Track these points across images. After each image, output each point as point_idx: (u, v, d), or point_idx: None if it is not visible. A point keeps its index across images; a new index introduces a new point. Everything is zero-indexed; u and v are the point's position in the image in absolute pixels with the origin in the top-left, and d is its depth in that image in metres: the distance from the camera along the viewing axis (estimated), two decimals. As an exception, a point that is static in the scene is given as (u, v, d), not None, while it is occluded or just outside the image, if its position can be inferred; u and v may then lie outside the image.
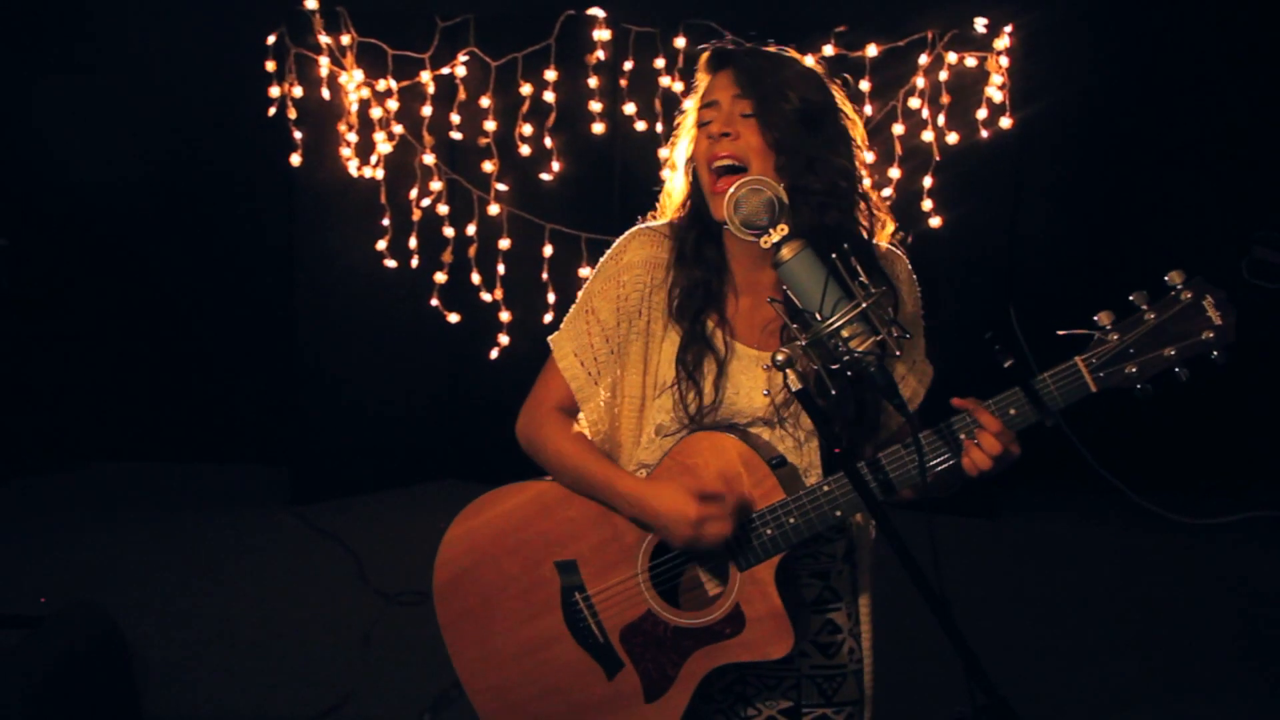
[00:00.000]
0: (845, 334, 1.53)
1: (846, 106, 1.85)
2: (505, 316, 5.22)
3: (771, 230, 1.63)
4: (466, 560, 1.91)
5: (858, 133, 1.85)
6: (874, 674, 1.92)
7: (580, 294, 1.91)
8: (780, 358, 1.55)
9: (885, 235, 1.86)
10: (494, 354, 5.21)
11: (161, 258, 5.78)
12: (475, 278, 5.23)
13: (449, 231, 5.25)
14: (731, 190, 1.66)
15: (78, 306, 5.84)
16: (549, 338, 1.92)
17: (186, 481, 5.67)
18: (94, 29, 5.56)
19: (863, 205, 1.82)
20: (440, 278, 5.23)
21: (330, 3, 4.99)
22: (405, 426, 5.61)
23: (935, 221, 5.00)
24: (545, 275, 5.14)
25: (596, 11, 4.99)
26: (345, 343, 5.41)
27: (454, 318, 5.31)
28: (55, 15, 5.54)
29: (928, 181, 5.00)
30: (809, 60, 1.87)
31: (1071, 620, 4.25)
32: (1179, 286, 1.55)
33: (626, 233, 1.91)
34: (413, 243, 5.23)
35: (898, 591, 2.03)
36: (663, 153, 1.70)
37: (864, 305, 1.53)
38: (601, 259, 1.91)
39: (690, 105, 1.88)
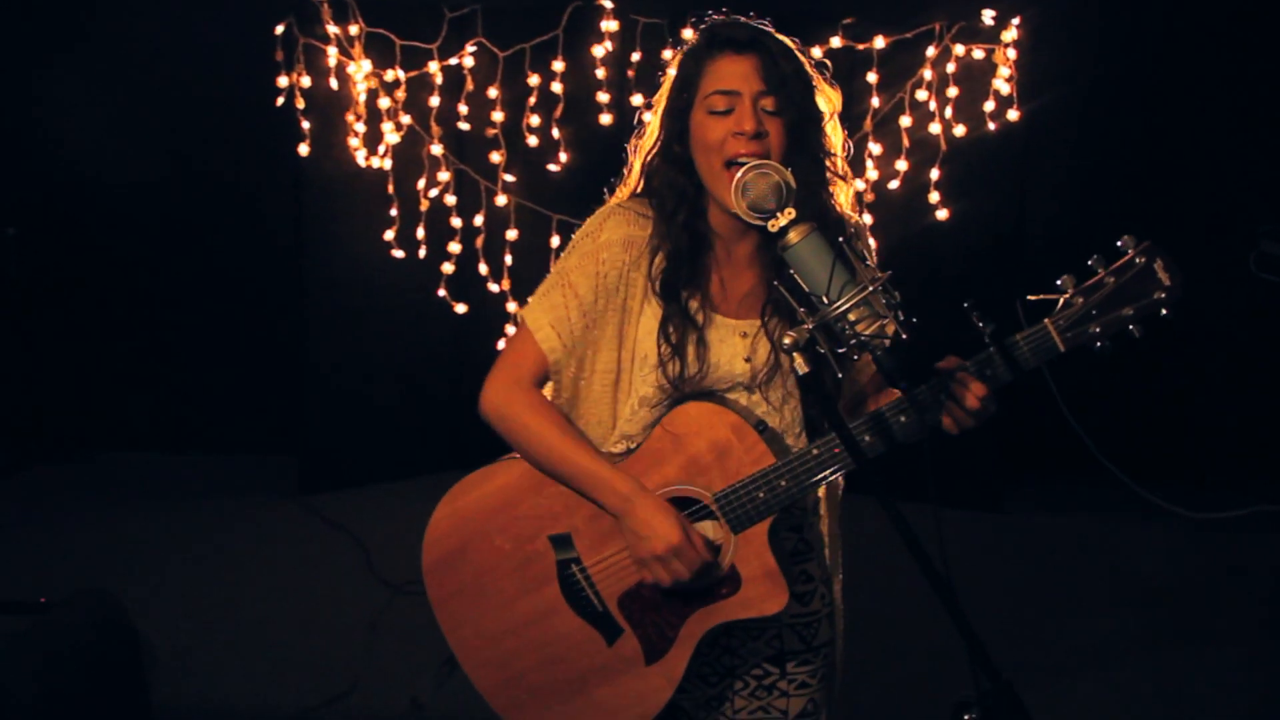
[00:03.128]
0: (852, 317, 1.54)
1: (824, 86, 1.87)
2: (512, 307, 5.23)
3: (779, 214, 1.64)
4: (456, 539, 1.94)
5: (832, 108, 1.88)
6: (845, 616, 2.03)
7: (554, 269, 1.94)
8: (788, 341, 1.56)
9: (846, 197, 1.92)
10: (501, 344, 5.22)
11: (169, 247, 5.78)
12: (483, 268, 5.24)
13: (456, 222, 5.26)
14: (739, 175, 1.67)
15: (85, 296, 5.85)
16: (521, 310, 1.95)
17: (194, 471, 5.68)
18: (101, 18, 5.55)
19: (839, 183, 1.87)
20: (448, 268, 5.24)
21: (338, -7, 4.99)
22: (412, 417, 5.62)
23: (942, 214, 5.00)
24: (552, 266, 5.14)
25: (604, 2, 4.99)
26: (352, 333, 5.42)
27: (461, 308, 5.31)
28: (62, 4, 5.55)
29: (935, 174, 4.99)
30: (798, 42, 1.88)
31: (1075, 613, 4.25)
32: (1132, 250, 1.67)
33: (601, 210, 1.94)
34: (420, 233, 5.24)
35: (902, 581, 2.04)
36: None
37: (871, 289, 1.54)
38: (576, 235, 1.94)
39: (674, 72, 1.87)
